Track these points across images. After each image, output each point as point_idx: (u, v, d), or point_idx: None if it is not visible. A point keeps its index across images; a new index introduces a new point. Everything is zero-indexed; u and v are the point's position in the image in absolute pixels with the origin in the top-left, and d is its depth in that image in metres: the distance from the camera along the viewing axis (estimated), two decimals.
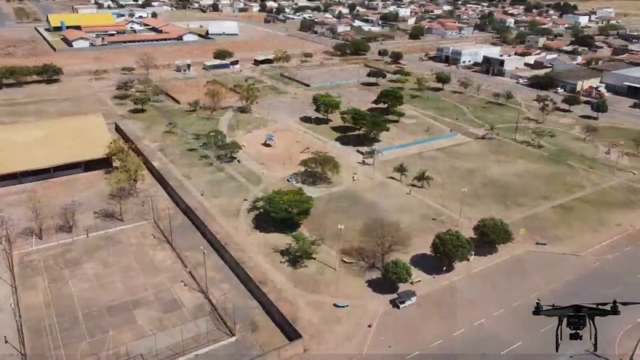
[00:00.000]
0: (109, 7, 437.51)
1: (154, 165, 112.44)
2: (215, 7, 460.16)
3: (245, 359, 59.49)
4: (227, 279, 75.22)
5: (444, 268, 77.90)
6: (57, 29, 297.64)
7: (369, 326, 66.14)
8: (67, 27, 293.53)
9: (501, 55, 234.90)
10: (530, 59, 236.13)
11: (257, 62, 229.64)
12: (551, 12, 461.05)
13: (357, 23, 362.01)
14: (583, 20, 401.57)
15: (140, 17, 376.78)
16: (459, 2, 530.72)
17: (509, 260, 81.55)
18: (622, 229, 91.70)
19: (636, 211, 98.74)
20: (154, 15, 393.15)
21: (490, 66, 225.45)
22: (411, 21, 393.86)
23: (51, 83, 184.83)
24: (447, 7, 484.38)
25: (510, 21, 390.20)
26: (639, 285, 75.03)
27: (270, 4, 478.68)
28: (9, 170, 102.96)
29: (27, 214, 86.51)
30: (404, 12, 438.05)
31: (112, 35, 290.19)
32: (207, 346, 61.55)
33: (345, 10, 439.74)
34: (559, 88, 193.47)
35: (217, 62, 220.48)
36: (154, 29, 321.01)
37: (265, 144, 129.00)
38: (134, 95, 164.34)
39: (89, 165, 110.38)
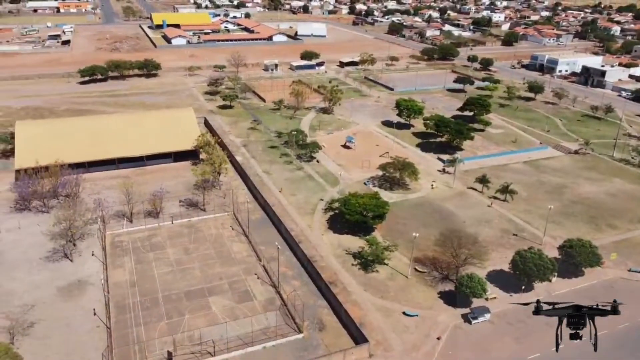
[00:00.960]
0: (206, 7, 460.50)
1: (237, 160, 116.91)
2: (305, 9, 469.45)
3: (311, 357, 60.20)
4: (299, 276, 76.55)
5: (523, 287, 74.17)
6: (159, 26, 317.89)
7: (438, 338, 64.50)
8: (168, 25, 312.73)
9: (603, 66, 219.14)
10: (637, 71, 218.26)
11: (342, 64, 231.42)
12: None
13: (446, 27, 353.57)
14: None
15: (234, 17, 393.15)
16: (560, 9, 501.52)
17: (596, 285, 76.08)
18: None
19: None
20: (247, 15, 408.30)
21: (590, 77, 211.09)
22: (505, 27, 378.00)
23: (150, 77, 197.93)
24: (545, 13, 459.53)
25: (616, 29, 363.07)
26: None
27: (359, 6, 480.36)
28: (109, 156, 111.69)
29: (120, 197, 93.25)
30: (497, 17, 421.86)
31: (208, 34, 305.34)
32: (275, 340, 63.06)
33: (435, 14, 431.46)
34: None
35: (304, 62, 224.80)
36: (246, 29, 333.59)
37: (345, 146, 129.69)
38: (224, 91, 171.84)
39: (178, 156, 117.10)
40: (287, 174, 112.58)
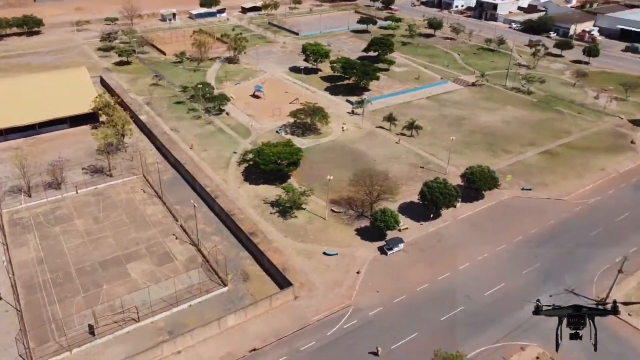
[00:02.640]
0: None
1: (141, 119, 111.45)
2: None
3: (238, 307, 61.41)
4: (218, 232, 76.42)
5: (431, 215, 79.35)
6: None
7: (358, 272, 68.03)
8: None
9: None
10: (524, 3, 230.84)
11: (244, 10, 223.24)
12: None
13: None
14: None
15: None
16: None
17: (494, 206, 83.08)
18: (606, 173, 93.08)
19: (621, 155, 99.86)
20: None
21: (484, 11, 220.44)
22: None
23: (32, 35, 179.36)
24: None
25: None
26: (618, 228, 77.04)
27: None
28: None
29: (14, 171, 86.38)
30: None
31: None
32: (200, 297, 63.35)
33: None
34: (551, 32, 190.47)
35: (204, 10, 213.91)
36: None
37: (254, 96, 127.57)
38: (119, 47, 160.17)
39: (75, 121, 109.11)
40: (197, 129, 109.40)
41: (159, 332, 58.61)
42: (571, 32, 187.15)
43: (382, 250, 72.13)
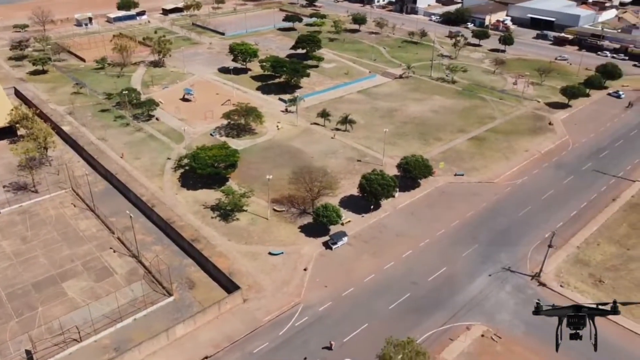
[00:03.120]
0: None
1: (64, 130, 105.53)
2: None
3: (186, 316, 59.89)
4: (159, 241, 74.01)
5: (372, 207, 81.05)
6: None
7: (305, 270, 68.31)
8: None
9: None
10: None
11: (165, 12, 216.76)
12: None
13: None
14: None
15: None
16: None
17: (431, 193, 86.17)
18: (530, 154, 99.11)
19: (541, 137, 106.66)
20: None
21: (404, 4, 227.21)
22: None
23: None
24: None
25: None
26: (545, 206, 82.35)
27: None
28: None
29: None
30: None
31: None
32: (145, 309, 61.13)
33: None
34: (469, 23, 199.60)
35: (122, 13, 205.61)
36: None
37: (184, 99, 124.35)
38: (32, 55, 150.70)
39: None
40: (126, 137, 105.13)
41: (104, 350, 56.03)
42: (487, 22, 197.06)
43: (327, 245, 72.81)
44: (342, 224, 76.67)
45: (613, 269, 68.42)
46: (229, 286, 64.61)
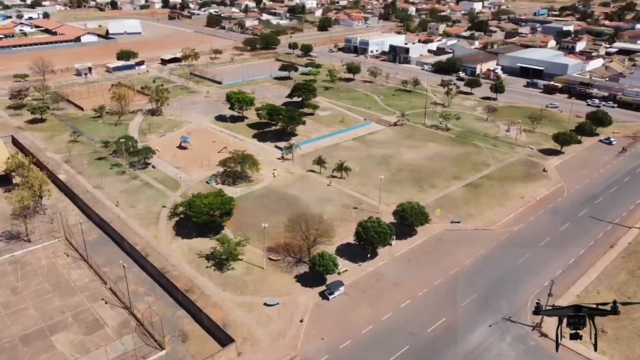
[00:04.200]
0: None
1: (60, 179, 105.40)
2: (114, 5, 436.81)
3: None
4: (152, 291, 72.55)
5: (369, 255, 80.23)
6: None
7: (301, 321, 66.76)
8: None
9: (406, 44, 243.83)
10: (433, 46, 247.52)
11: (164, 62, 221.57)
12: None
13: (264, 16, 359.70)
14: (477, 7, 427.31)
15: (30, 18, 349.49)
16: None
17: (428, 241, 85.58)
18: (525, 201, 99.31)
19: (536, 183, 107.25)
20: (46, 15, 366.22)
21: (397, 54, 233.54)
22: (318, 13, 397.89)
23: None
24: None
25: (412, 9, 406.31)
26: (543, 253, 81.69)
27: None
28: None
29: None
30: (310, 3, 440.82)
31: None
32: None
33: (251, 4, 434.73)
34: (460, 72, 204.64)
35: (121, 63, 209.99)
36: (47, 31, 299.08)
37: (181, 147, 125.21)
38: (31, 104, 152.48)
39: None
40: (122, 185, 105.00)
41: None
42: (478, 71, 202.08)
43: (323, 295, 71.48)
44: (339, 273, 75.59)
45: (615, 318, 67.22)
46: (223, 339, 62.92)
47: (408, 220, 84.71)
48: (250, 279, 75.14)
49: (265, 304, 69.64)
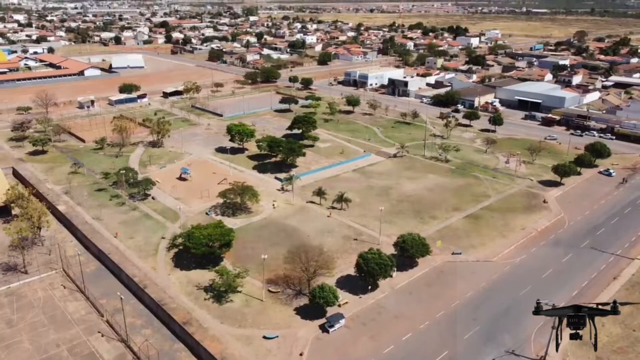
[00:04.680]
0: None
1: (59, 210, 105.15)
2: (117, 40, 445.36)
3: None
4: (149, 324, 71.36)
5: (369, 287, 79.23)
6: None
7: (301, 354, 65.40)
8: None
9: (405, 77, 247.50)
10: (431, 79, 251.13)
11: (166, 95, 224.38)
12: (446, 35, 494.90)
13: (265, 51, 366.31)
14: (474, 42, 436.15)
15: (35, 52, 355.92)
16: (362, 29, 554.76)
17: (429, 272, 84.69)
18: (527, 232, 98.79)
19: (537, 214, 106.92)
20: (51, 50, 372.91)
21: (396, 87, 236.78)
22: (318, 48, 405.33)
23: None
24: (351, 34, 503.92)
25: (410, 44, 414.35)
26: (545, 285, 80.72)
27: (176, 35, 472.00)
28: None
29: None
30: (310, 39, 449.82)
31: (4, 73, 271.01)
32: None
33: (253, 39, 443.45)
34: (459, 105, 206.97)
35: (124, 96, 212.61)
36: (51, 65, 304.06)
37: (181, 178, 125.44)
38: (33, 136, 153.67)
39: None
40: (121, 216, 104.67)
41: None
42: (476, 104, 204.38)
43: (323, 328, 70.26)
44: (339, 306, 74.50)
45: (620, 351, 65.94)
46: None
47: (409, 251, 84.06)
48: (249, 312, 74.00)
49: (264, 337, 68.38)
